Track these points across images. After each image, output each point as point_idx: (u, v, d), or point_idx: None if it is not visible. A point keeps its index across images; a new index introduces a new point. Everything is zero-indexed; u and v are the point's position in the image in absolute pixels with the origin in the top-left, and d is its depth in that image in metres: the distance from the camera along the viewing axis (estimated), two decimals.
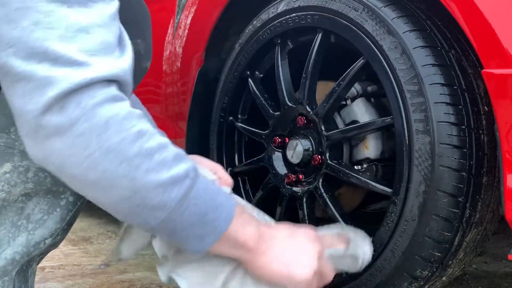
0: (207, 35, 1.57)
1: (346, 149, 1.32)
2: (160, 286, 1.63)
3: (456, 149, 1.07)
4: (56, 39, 0.73)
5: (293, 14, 1.35)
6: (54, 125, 0.73)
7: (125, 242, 1.00)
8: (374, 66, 1.18)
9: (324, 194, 1.30)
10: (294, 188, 1.37)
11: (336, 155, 1.31)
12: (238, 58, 1.50)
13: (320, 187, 1.31)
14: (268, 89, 1.48)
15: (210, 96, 1.60)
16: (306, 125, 1.34)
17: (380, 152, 1.30)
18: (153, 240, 0.98)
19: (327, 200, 1.30)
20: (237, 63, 1.51)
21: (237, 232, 0.87)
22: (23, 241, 0.94)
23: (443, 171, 1.07)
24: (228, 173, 1.55)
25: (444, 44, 1.12)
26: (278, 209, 1.40)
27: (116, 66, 0.77)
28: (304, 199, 1.35)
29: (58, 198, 0.96)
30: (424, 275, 1.14)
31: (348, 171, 1.25)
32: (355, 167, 1.31)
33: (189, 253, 0.95)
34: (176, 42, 1.67)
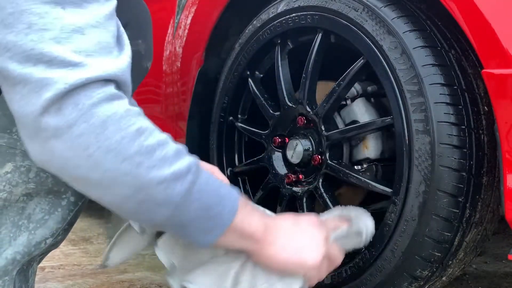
0: (207, 35, 1.58)
1: (346, 149, 1.32)
2: (160, 286, 1.63)
3: (456, 149, 1.07)
4: (51, 41, 0.73)
5: (293, 14, 1.35)
6: (53, 127, 0.73)
7: (116, 249, 1.00)
8: (374, 66, 1.18)
9: (324, 194, 1.30)
10: (294, 188, 1.37)
11: (336, 155, 1.31)
12: (238, 58, 1.51)
13: (320, 187, 1.31)
14: (268, 89, 1.48)
15: (210, 96, 1.60)
16: (306, 125, 1.34)
17: (380, 152, 1.30)
18: (156, 250, 0.98)
19: (327, 200, 1.30)
20: (237, 63, 1.51)
21: (243, 223, 0.87)
22: (24, 241, 0.94)
23: (443, 171, 1.07)
24: (228, 173, 1.56)
25: (444, 44, 1.12)
26: (278, 209, 1.40)
27: (113, 66, 0.77)
28: (304, 199, 1.35)
29: (59, 198, 0.96)
30: (424, 275, 1.14)
31: (348, 171, 1.25)
32: (355, 167, 1.31)
33: (196, 255, 0.96)
34: (176, 42, 1.67)
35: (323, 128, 1.30)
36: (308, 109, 1.33)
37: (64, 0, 0.74)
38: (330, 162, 1.29)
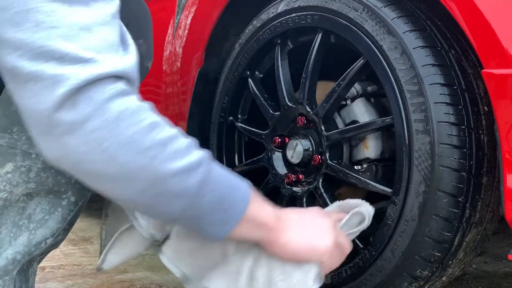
0: (207, 35, 1.58)
1: (346, 149, 1.32)
2: (160, 286, 1.63)
3: (456, 149, 1.07)
4: (60, 38, 0.74)
5: (293, 14, 1.35)
6: (67, 123, 0.74)
7: (114, 251, 1.00)
8: (374, 66, 1.18)
9: (324, 194, 1.30)
10: (294, 188, 1.37)
11: (336, 155, 1.31)
12: (238, 58, 1.51)
13: (320, 187, 1.31)
14: (268, 89, 1.48)
15: (210, 96, 1.60)
16: (306, 125, 1.34)
17: (380, 152, 1.30)
18: (162, 257, 0.98)
19: (327, 200, 1.30)
20: (237, 63, 1.51)
21: (256, 213, 0.89)
22: (25, 241, 0.94)
23: (443, 171, 1.07)
24: None
25: (444, 44, 1.12)
26: None
27: (122, 63, 0.77)
28: (304, 199, 1.35)
29: (60, 198, 0.96)
30: (424, 275, 1.14)
31: (348, 171, 1.25)
32: (355, 167, 1.31)
33: (205, 258, 0.97)
34: (176, 42, 1.67)
35: (323, 128, 1.30)
36: (308, 109, 1.33)
37: None
38: (330, 162, 1.29)
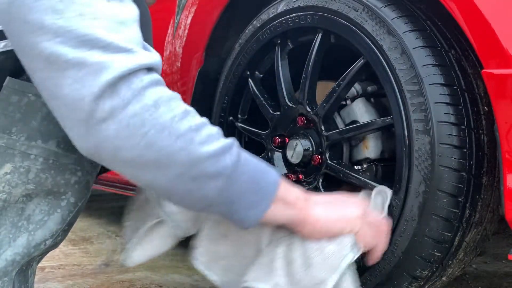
0: (207, 35, 1.58)
1: (346, 149, 1.32)
2: (160, 286, 1.63)
3: (456, 149, 1.07)
4: (103, 29, 0.77)
5: (293, 14, 1.35)
6: (108, 108, 0.76)
7: (140, 248, 1.01)
8: (374, 66, 1.18)
9: None
10: None
11: (336, 155, 1.31)
12: (238, 58, 1.51)
13: (320, 187, 1.31)
14: (268, 89, 1.48)
15: (210, 96, 1.60)
16: (306, 125, 1.34)
17: (380, 152, 1.30)
18: (196, 263, 1.00)
19: None
20: (237, 63, 1.51)
21: (286, 194, 0.92)
22: (24, 242, 0.94)
23: (443, 171, 1.07)
24: None
25: (444, 44, 1.12)
26: None
27: (154, 57, 0.82)
28: None
29: (59, 199, 0.96)
30: (424, 275, 1.14)
31: (348, 171, 1.25)
32: (355, 167, 1.31)
33: (239, 255, 1.00)
34: (176, 42, 1.67)
35: (323, 128, 1.30)
36: (308, 109, 1.33)
37: None
38: (330, 162, 1.29)
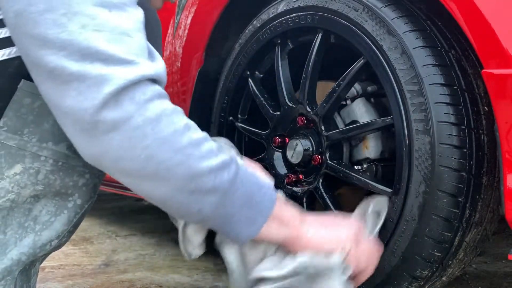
0: (207, 35, 1.58)
1: (346, 149, 1.32)
2: (160, 286, 1.63)
3: (456, 149, 1.07)
4: (104, 41, 0.78)
5: (293, 14, 1.35)
6: (112, 120, 0.78)
7: (187, 243, 1.03)
8: (374, 66, 1.18)
9: (324, 194, 1.31)
10: (294, 188, 1.37)
11: (336, 155, 1.31)
12: (238, 58, 1.51)
13: (320, 187, 1.31)
14: (268, 89, 1.48)
15: (210, 96, 1.60)
16: (306, 125, 1.34)
17: (380, 152, 1.30)
18: (220, 246, 1.01)
19: (327, 200, 1.30)
20: (237, 63, 1.51)
21: (281, 212, 0.94)
22: (30, 242, 0.95)
23: (443, 171, 1.07)
24: None
25: (444, 44, 1.12)
26: None
27: (157, 67, 0.83)
28: (304, 199, 1.35)
29: (66, 200, 0.96)
30: (424, 275, 1.14)
31: (348, 171, 1.25)
32: (355, 167, 1.31)
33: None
34: (176, 42, 1.67)
35: (323, 128, 1.30)
36: (308, 109, 1.33)
37: (110, 4, 0.79)
38: (330, 162, 1.29)
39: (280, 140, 1.41)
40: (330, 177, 1.31)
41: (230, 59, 1.53)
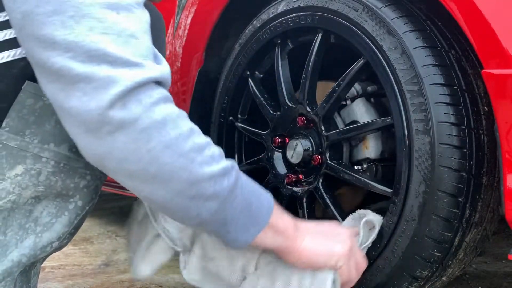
0: (207, 35, 1.58)
1: (346, 149, 1.32)
2: (160, 286, 1.63)
3: (456, 149, 1.07)
4: (112, 43, 0.78)
5: (293, 14, 1.35)
6: (118, 121, 0.78)
7: (144, 261, 1.03)
8: (374, 66, 1.18)
9: (324, 194, 1.30)
10: (294, 188, 1.37)
11: (336, 155, 1.31)
12: (238, 58, 1.51)
13: (320, 187, 1.31)
14: (268, 89, 1.48)
15: (210, 96, 1.60)
16: (306, 125, 1.34)
17: (380, 152, 1.30)
18: (184, 273, 1.01)
19: (327, 200, 1.30)
20: (237, 63, 1.51)
21: (278, 220, 0.94)
22: (31, 244, 0.95)
23: (443, 171, 1.07)
24: None
25: (444, 44, 1.12)
26: None
27: (162, 69, 0.83)
28: (304, 199, 1.35)
29: (67, 202, 0.96)
30: (424, 275, 1.14)
31: (348, 171, 1.25)
32: (355, 167, 1.31)
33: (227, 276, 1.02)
34: (176, 42, 1.67)
35: (323, 128, 1.30)
36: (308, 109, 1.33)
37: (117, 6, 0.80)
38: (330, 162, 1.29)
39: (280, 140, 1.41)
40: (330, 177, 1.31)
41: (230, 59, 1.53)
